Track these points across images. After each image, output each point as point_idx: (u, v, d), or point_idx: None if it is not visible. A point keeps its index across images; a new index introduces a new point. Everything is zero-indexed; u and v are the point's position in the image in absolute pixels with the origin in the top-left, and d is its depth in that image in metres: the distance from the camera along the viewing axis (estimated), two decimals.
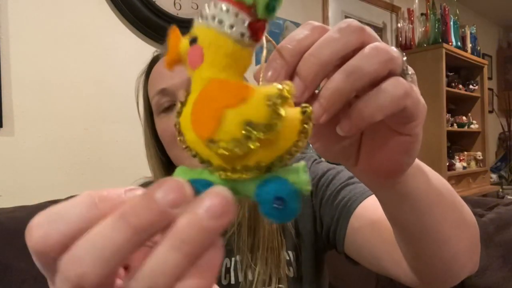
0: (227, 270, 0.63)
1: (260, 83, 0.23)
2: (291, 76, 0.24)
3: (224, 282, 0.63)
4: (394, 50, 0.24)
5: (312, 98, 0.24)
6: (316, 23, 0.25)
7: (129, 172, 1.28)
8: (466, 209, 0.42)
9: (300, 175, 0.19)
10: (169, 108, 0.63)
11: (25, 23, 1.18)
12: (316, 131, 0.26)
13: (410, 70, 0.26)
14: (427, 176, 0.36)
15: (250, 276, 0.62)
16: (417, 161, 0.35)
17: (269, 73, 0.24)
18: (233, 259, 0.64)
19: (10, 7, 1.15)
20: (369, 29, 0.25)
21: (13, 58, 1.15)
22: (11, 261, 0.88)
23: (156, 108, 0.65)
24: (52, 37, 1.23)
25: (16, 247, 0.90)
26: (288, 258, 0.64)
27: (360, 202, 0.56)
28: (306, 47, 0.24)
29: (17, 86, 1.15)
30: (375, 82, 0.24)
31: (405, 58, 0.25)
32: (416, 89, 0.26)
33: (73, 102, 1.26)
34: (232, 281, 0.63)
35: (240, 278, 0.63)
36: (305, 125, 0.19)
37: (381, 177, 0.32)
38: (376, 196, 0.37)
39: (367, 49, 0.23)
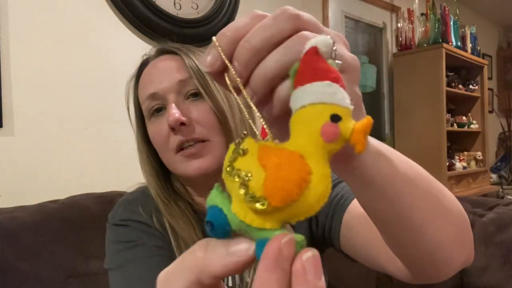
0: None
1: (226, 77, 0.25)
2: (230, 61, 0.25)
3: None
4: (319, 37, 0.23)
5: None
6: (259, 12, 0.25)
7: (129, 172, 1.28)
8: (448, 197, 0.41)
9: None
10: (159, 111, 0.62)
11: (25, 23, 1.18)
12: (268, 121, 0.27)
13: (339, 59, 0.26)
14: (393, 163, 0.35)
15: (247, 278, 0.62)
16: (380, 148, 0.35)
17: (208, 58, 0.25)
18: None
19: (10, 7, 1.15)
20: (306, 16, 0.25)
21: (13, 58, 1.15)
22: (11, 261, 0.88)
23: (147, 112, 0.64)
24: (52, 37, 1.23)
25: (16, 247, 0.90)
26: None
27: (353, 198, 0.56)
28: (243, 34, 0.24)
29: (17, 86, 1.15)
30: None
31: (335, 48, 0.24)
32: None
33: (73, 102, 1.27)
34: (230, 283, 0.62)
35: (237, 281, 0.63)
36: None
37: (333, 161, 0.32)
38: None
39: (291, 38, 0.24)
